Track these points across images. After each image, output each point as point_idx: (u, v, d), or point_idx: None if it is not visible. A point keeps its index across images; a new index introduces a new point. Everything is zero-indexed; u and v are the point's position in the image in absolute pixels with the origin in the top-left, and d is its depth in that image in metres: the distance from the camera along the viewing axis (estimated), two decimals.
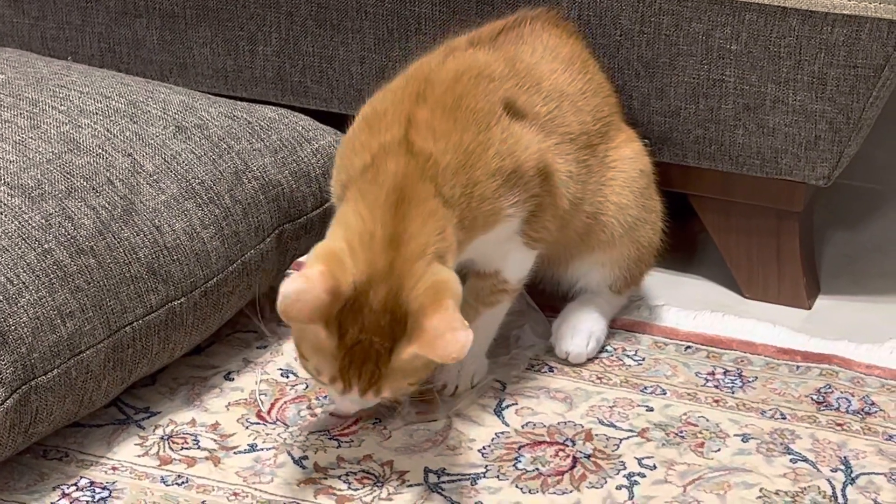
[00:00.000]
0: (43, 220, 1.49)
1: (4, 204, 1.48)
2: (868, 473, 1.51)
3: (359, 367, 1.41)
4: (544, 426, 1.57)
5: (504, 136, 1.48)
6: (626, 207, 1.64)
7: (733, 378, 1.65)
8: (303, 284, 1.37)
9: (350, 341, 1.39)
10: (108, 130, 1.60)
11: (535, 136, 1.52)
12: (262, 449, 1.53)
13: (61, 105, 1.62)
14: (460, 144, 1.45)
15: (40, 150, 1.55)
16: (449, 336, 1.37)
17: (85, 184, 1.53)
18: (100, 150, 1.57)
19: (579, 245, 1.65)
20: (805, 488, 1.48)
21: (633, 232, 1.65)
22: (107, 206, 1.53)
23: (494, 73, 1.51)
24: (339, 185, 1.50)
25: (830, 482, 1.49)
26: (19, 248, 1.46)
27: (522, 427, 1.57)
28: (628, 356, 1.69)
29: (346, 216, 1.43)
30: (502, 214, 1.49)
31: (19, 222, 1.47)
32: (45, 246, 1.47)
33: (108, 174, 1.55)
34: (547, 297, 1.73)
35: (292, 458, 1.52)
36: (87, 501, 1.45)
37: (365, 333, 1.39)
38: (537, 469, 1.51)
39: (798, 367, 1.67)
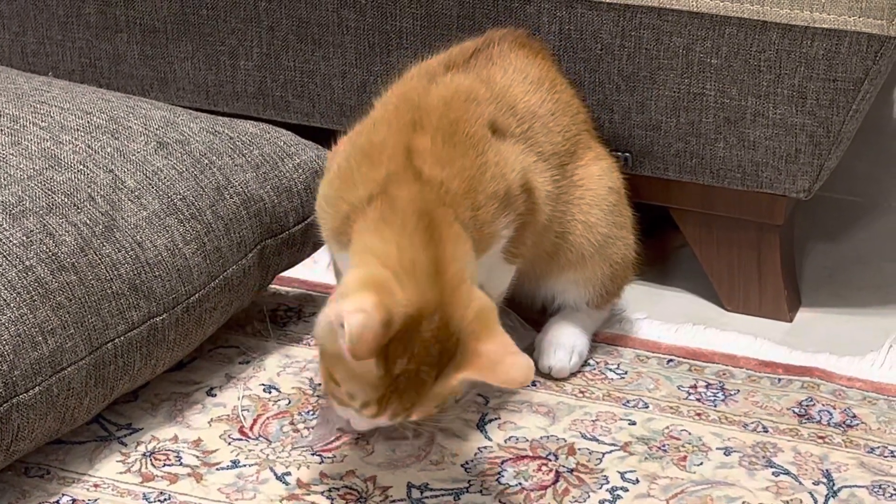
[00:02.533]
0: (24, 237, 1.48)
1: None
2: (850, 486, 1.51)
3: (400, 395, 1.39)
4: (527, 440, 1.57)
5: (496, 160, 1.48)
6: (595, 226, 1.64)
7: (715, 391, 1.65)
8: (365, 320, 1.32)
9: (397, 371, 1.37)
10: (88, 146, 1.60)
11: (518, 154, 1.53)
12: (245, 465, 1.52)
13: (42, 121, 1.62)
14: (463, 170, 1.45)
15: (21, 166, 1.55)
16: (509, 360, 1.36)
17: (66, 200, 1.53)
18: (81, 167, 1.57)
19: (549, 263, 1.65)
20: (787, 501, 1.49)
21: (604, 250, 1.65)
22: (88, 222, 1.53)
23: (479, 95, 1.51)
24: (337, 217, 1.46)
25: (812, 495, 1.50)
26: (0, 266, 1.45)
27: (505, 442, 1.57)
28: (611, 370, 1.69)
29: (373, 246, 1.40)
30: (498, 235, 1.50)
31: (0, 239, 1.47)
32: (26, 263, 1.47)
33: (89, 190, 1.55)
34: (525, 311, 1.74)
35: (275, 473, 1.52)
36: None
37: (413, 363, 1.37)
38: (520, 484, 1.51)
39: (780, 379, 1.67)
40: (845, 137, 1.72)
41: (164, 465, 1.52)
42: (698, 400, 1.64)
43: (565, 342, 1.68)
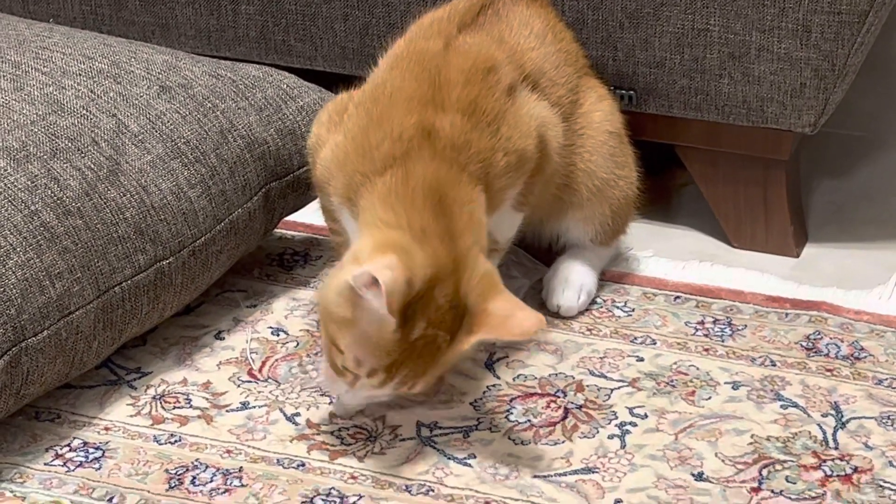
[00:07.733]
0: (28, 182, 1.48)
1: None
2: (858, 418, 1.51)
3: (413, 362, 1.39)
4: (535, 378, 1.57)
5: (510, 134, 1.48)
6: (594, 172, 1.64)
7: (723, 327, 1.65)
8: (393, 274, 1.33)
9: (416, 336, 1.38)
10: (91, 91, 1.59)
11: (534, 109, 1.52)
12: (255, 406, 1.53)
13: (44, 67, 1.61)
14: (480, 151, 1.45)
15: (24, 111, 1.55)
16: (520, 314, 1.37)
17: (70, 145, 1.53)
18: (84, 111, 1.57)
19: (551, 206, 1.65)
20: (796, 434, 1.49)
21: (603, 192, 1.65)
22: (92, 167, 1.52)
23: (496, 62, 1.50)
24: (350, 185, 1.45)
25: (821, 427, 1.50)
26: (6, 210, 1.45)
27: (514, 380, 1.57)
28: (618, 307, 1.69)
29: (385, 218, 1.40)
30: (511, 194, 1.52)
31: (5, 184, 1.47)
32: (32, 207, 1.47)
33: (92, 135, 1.55)
34: (531, 249, 1.74)
35: (284, 414, 1.52)
36: (81, 462, 1.46)
37: (431, 328, 1.38)
38: (529, 421, 1.51)
39: (787, 314, 1.67)
40: (850, 71, 1.71)
41: (175, 407, 1.53)
42: (706, 335, 1.64)
43: (574, 281, 1.68)
